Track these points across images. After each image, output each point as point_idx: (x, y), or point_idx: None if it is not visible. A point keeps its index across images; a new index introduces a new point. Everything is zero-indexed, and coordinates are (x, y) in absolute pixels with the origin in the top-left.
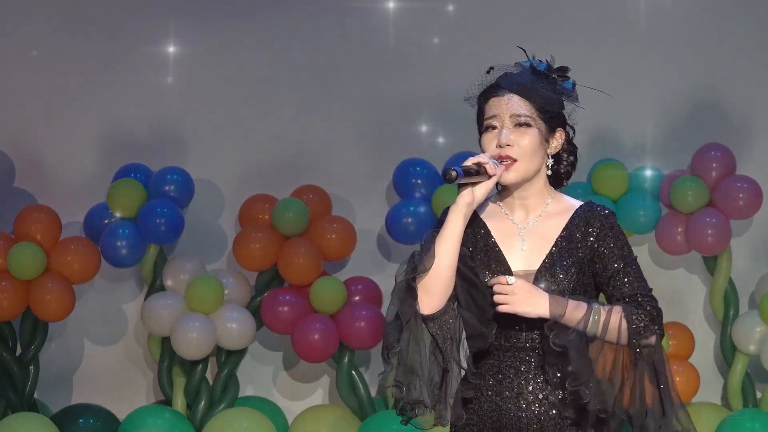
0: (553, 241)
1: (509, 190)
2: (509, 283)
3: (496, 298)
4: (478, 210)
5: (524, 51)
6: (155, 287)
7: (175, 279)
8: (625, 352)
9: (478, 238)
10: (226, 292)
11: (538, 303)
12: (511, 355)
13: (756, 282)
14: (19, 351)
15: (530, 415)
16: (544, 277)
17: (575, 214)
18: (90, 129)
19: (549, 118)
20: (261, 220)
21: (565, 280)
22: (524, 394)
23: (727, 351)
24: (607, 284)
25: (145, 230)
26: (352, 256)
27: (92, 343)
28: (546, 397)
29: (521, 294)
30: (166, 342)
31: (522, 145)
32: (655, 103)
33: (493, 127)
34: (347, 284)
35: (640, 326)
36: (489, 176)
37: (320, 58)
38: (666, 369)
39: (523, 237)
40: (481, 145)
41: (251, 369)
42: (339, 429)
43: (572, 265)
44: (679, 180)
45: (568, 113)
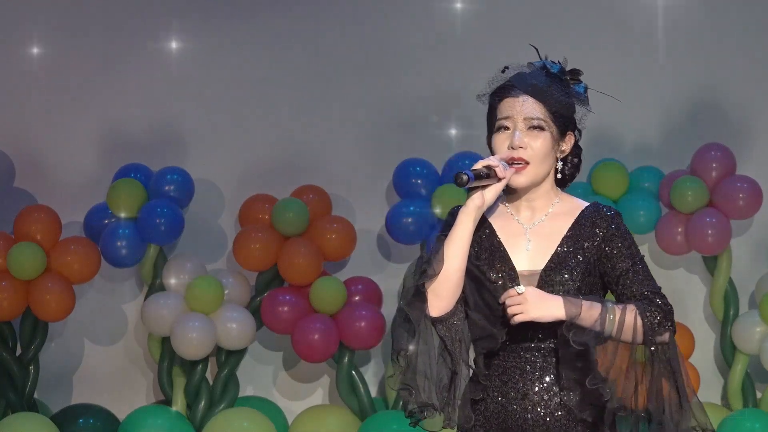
0: (559, 242)
1: (517, 192)
2: (519, 292)
3: (510, 309)
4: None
5: (536, 50)
6: (155, 287)
7: (175, 279)
8: (640, 350)
9: (483, 237)
10: (226, 292)
11: (551, 305)
12: (517, 356)
13: (756, 282)
14: (19, 351)
15: (536, 416)
16: (548, 276)
17: (581, 215)
18: (90, 129)
19: (561, 122)
20: (261, 220)
21: (569, 280)
22: (530, 395)
23: (727, 351)
24: (616, 283)
25: (145, 230)
26: (352, 256)
27: (92, 343)
28: (551, 398)
29: (533, 300)
30: (166, 342)
31: (534, 148)
32: (655, 103)
33: (505, 128)
34: (347, 284)
35: (655, 323)
36: (499, 179)
37: (320, 58)
38: (681, 365)
39: (528, 237)
40: (491, 144)
41: (251, 369)
42: (339, 429)
43: (577, 265)
44: (679, 180)
45: (578, 117)
